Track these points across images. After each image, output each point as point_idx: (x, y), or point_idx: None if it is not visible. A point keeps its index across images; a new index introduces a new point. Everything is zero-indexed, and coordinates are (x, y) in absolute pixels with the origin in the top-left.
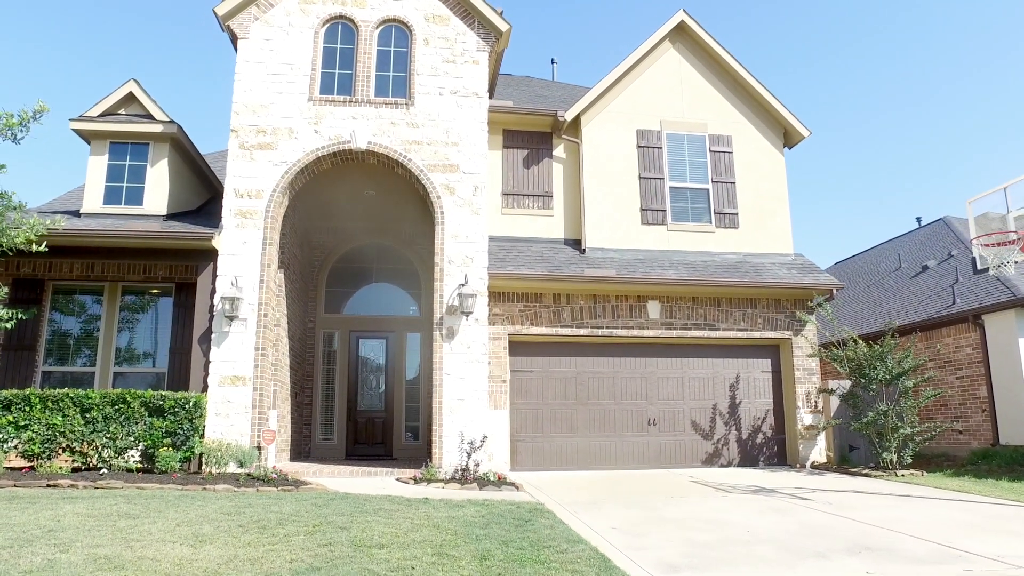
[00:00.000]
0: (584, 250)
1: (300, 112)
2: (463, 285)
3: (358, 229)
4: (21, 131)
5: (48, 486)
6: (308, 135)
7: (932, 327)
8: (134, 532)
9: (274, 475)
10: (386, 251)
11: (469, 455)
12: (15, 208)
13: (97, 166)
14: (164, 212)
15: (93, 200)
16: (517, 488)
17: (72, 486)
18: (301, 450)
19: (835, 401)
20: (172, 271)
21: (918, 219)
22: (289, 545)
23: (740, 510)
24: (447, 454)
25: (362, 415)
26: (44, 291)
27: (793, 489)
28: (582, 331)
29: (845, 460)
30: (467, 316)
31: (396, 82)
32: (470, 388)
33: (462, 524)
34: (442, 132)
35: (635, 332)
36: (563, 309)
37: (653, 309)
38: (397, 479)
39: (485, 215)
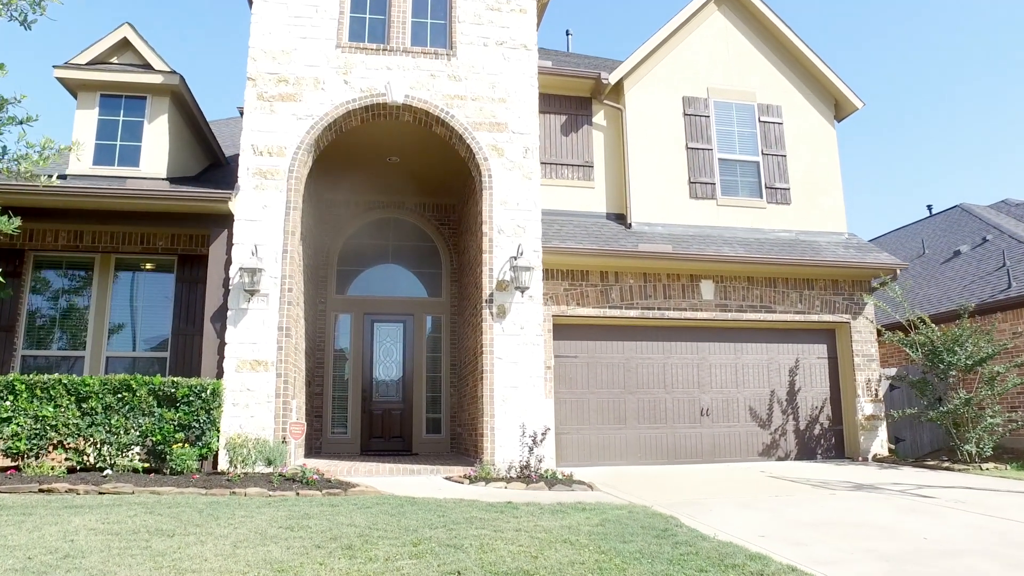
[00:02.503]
0: (630, 225)
1: (327, 60)
2: (515, 258)
3: (374, 202)
4: (34, 9)
5: (41, 491)
6: (337, 86)
7: (985, 312)
8: (182, 557)
9: (314, 476)
10: (405, 226)
11: (531, 449)
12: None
13: (86, 121)
14: (164, 175)
15: (81, 160)
16: (591, 487)
17: (71, 491)
18: (312, 445)
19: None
20: (174, 241)
21: (929, 207)
22: None
23: (875, 511)
24: (500, 449)
25: (378, 406)
26: (24, 263)
27: (891, 484)
28: (632, 312)
29: (893, 452)
30: (521, 292)
31: (435, 30)
32: (524, 374)
33: (594, 537)
34: (488, 87)
35: (688, 314)
36: (611, 288)
37: (707, 289)
38: (446, 478)
39: (537, 180)
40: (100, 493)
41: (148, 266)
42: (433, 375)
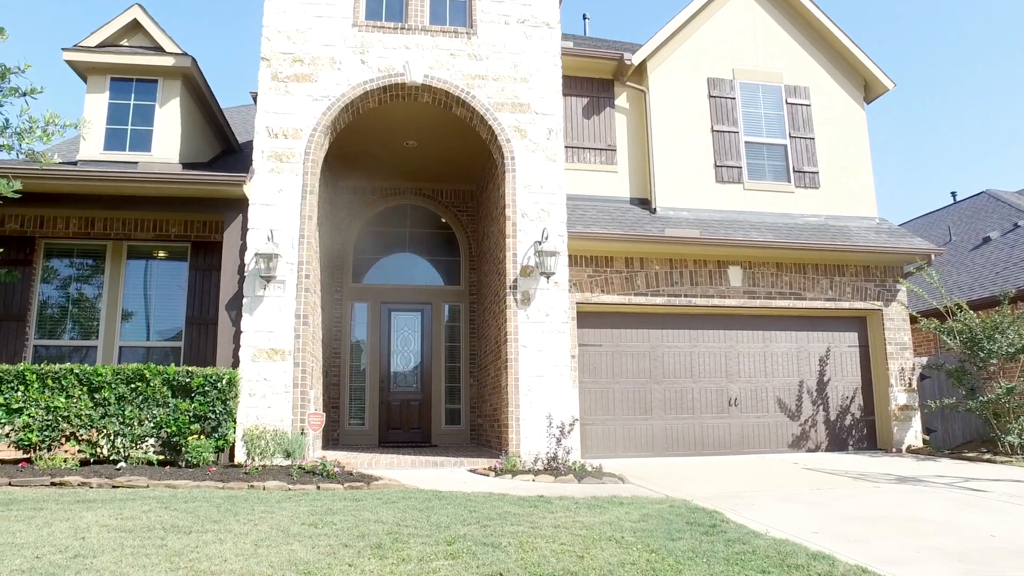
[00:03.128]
0: (654, 209)
1: (343, 39)
2: (540, 242)
3: (391, 188)
4: None
5: (53, 484)
6: (353, 66)
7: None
8: (200, 557)
9: (335, 468)
10: (422, 213)
11: (558, 441)
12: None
13: (96, 106)
14: (176, 160)
15: (91, 145)
16: (621, 480)
17: (84, 484)
18: (329, 437)
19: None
20: (188, 228)
21: (953, 193)
22: None
23: (926, 505)
24: (526, 440)
25: (396, 397)
26: (35, 251)
27: (934, 477)
28: (658, 300)
29: (927, 444)
30: (547, 278)
31: (454, 8)
32: (550, 362)
33: (639, 535)
34: (509, 66)
35: (715, 301)
36: (636, 275)
37: (734, 276)
38: (470, 470)
39: (561, 162)
40: (113, 487)
41: (161, 254)
42: (452, 365)
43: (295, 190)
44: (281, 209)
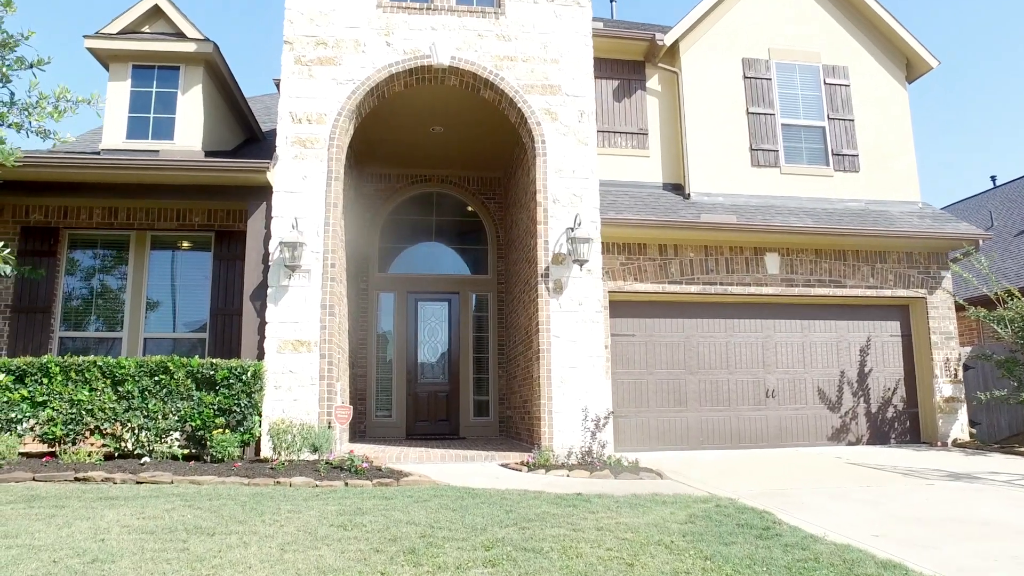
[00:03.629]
0: (688, 195)
1: (368, 21)
2: (572, 229)
3: (417, 176)
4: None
5: (76, 480)
6: (378, 48)
7: None
8: (223, 564)
9: (363, 464)
10: (449, 201)
11: (593, 434)
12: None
13: (118, 94)
14: (199, 148)
15: (114, 134)
16: (659, 475)
17: (108, 480)
18: (356, 429)
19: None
20: (211, 217)
21: (992, 178)
22: None
23: (989, 505)
24: (559, 433)
25: (423, 388)
26: (59, 242)
27: (988, 474)
28: (693, 288)
29: (974, 437)
30: (580, 265)
31: None
32: (583, 353)
33: (690, 538)
34: (539, 47)
35: (752, 290)
36: (670, 262)
37: (772, 263)
38: (502, 465)
39: (593, 146)
40: (137, 483)
41: (185, 244)
42: (480, 356)
43: (319, 177)
44: (305, 196)
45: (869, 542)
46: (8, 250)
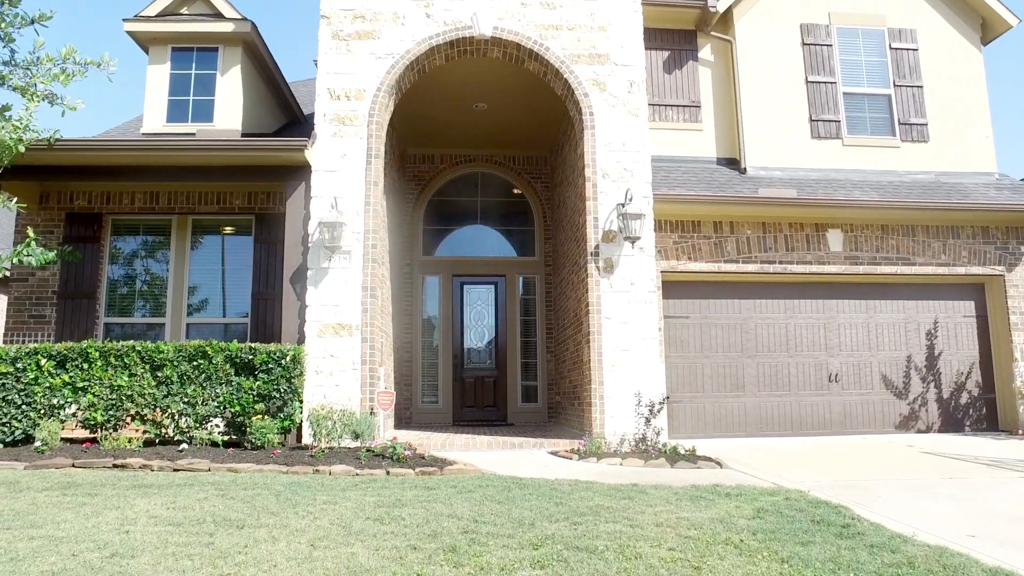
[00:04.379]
0: (744, 169)
1: None
2: (623, 204)
3: (460, 155)
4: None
5: (115, 466)
6: (418, 20)
7: None
8: (246, 561)
9: (406, 451)
10: (493, 181)
11: (647, 421)
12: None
13: (158, 77)
14: (238, 130)
15: (154, 118)
16: (719, 464)
17: (145, 467)
18: (402, 416)
19: None
20: (252, 200)
21: None
22: None
23: None
24: (611, 420)
25: (469, 374)
26: (102, 228)
27: None
28: (750, 267)
29: None
30: (632, 243)
31: None
32: (636, 335)
33: (761, 537)
34: (585, 14)
35: (813, 268)
36: (726, 240)
37: (834, 240)
38: (551, 452)
39: (644, 117)
40: (175, 470)
41: (225, 227)
42: (527, 340)
43: (359, 155)
44: (345, 175)
45: (966, 543)
46: (32, 242)
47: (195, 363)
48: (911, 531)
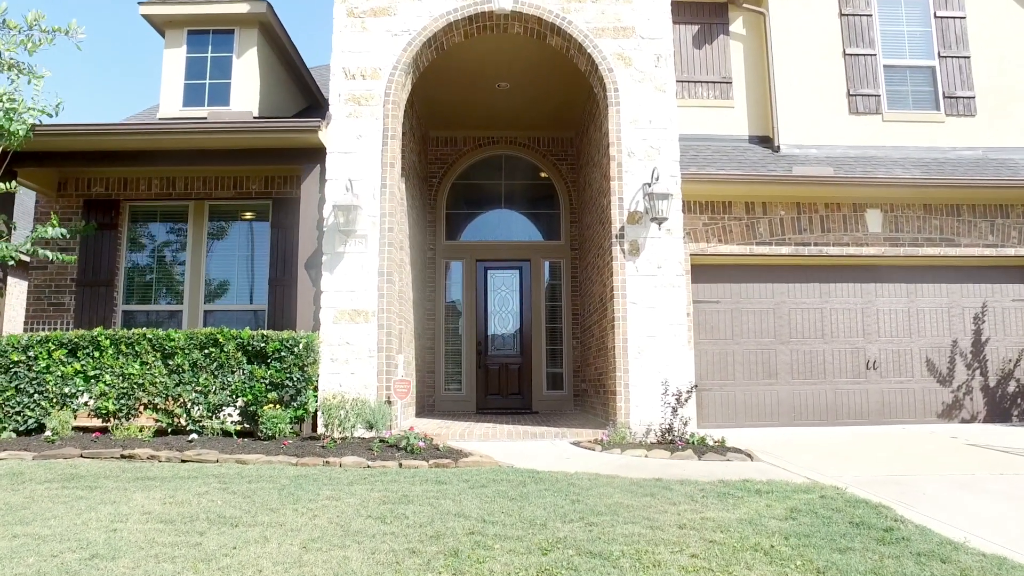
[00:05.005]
0: (778, 147)
1: None
2: (650, 184)
3: (483, 137)
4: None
5: (123, 456)
6: None
7: None
8: (231, 565)
9: (420, 442)
10: (517, 164)
11: (674, 410)
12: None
13: (174, 61)
14: (255, 114)
15: (171, 102)
16: (750, 456)
17: (153, 458)
18: (424, 403)
19: None
20: (268, 184)
21: None
22: None
23: None
24: (636, 409)
25: (494, 360)
26: (119, 214)
27: None
28: (784, 249)
29: None
30: (658, 224)
31: None
32: (663, 321)
33: (794, 543)
34: None
35: (850, 250)
36: (758, 222)
37: (873, 220)
38: (573, 443)
39: (672, 92)
40: (183, 461)
41: (242, 213)
42: (553, 326)
43: (375, 136)
44: (361, 157)
45: None
46: (53, 223)
47: (206, 351)
48: (962, 536)
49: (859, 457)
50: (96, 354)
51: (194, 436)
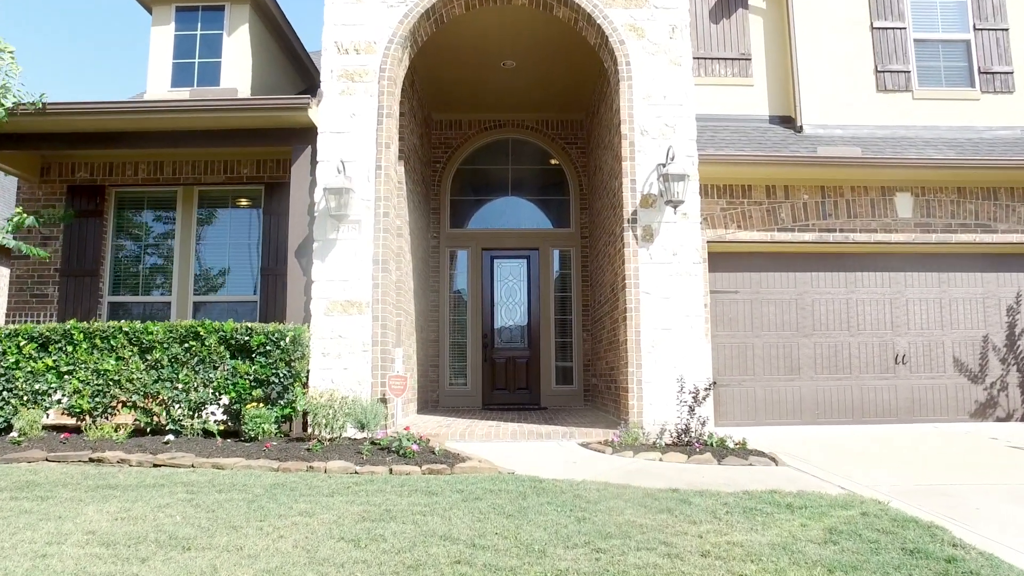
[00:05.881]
0: (800, 128)
1: None
2: (664, 164)
3: (489, 120)
4: None
5: (91, 460)
6: None
7: None
8: None
9: (413, 444)
10: (525, 148)
11: (691, 409)
12: None
13: (161, 40)
14: (247, 95)
15: (158, 83)
16: (774, 461)
17: (123, 461)
18: (428, 399)
19: None
20: (260, 168)
21: None
22: None
23: None
24: (649, 407)
25: (500, 354)
26: (105, 201)
27: None
28: (807, 236)
29: None
30: (674, 208)
31: None
32: (679, 312)
33: (822, 568)
34: None
35: (879, 237)
36: (780, 207)
37: (903, 205)
38: (582, 444)
39: (688, 66)
40: (155, 465)
41: (233, 199)
42: (562, 318)
43: (369, 114)
44: (354, 137)
45: None
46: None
47: (187, 345)
48: (1016, 558)
49: (894, 461)
50: (69, 348)
51: (170, 438)
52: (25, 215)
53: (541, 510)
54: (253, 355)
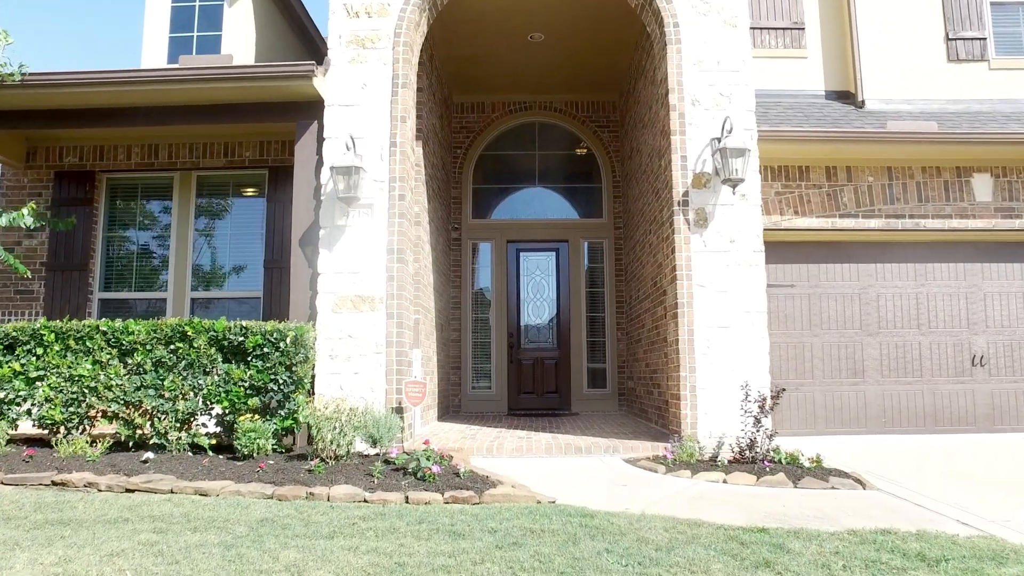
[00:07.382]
0: (862, 103)
1: None
2: (720, 138)
3: (515, 102)
4: None
5: (53, 483)
6: None
7: None
8: None
9: (434, 465)
10: (553, 132)
11: (757, 420)
12: None
13: (157, 10)
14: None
15: (154, 54)
16: (860, 483)
17: (91, 485)
18: (449, 404)
19: None
20: (264, 151)
21: None
22: None
23: None
24: (705, 416)
25: (527, 355)
26: (95, 188)
27: None
28: (872, 223)
29: None
30: (732, 188)
31: None
32: (738, 308)
33: None
34: None
35: (954, 223)
36: (842, 190)
37: (981, 187)
38: (627, 460)
39: (744, 27)
40: (127, 490)
41: (235, 185)
42: (594, 315)
43: (383, 85)
44: (365, 110)
45: None
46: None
47: (173, 347)
48: None
49: (1006, 484)
50: (39, 351)
51: (149, 456)
52: (22, 211)
53: (600, 564)
54: (249, 358)
